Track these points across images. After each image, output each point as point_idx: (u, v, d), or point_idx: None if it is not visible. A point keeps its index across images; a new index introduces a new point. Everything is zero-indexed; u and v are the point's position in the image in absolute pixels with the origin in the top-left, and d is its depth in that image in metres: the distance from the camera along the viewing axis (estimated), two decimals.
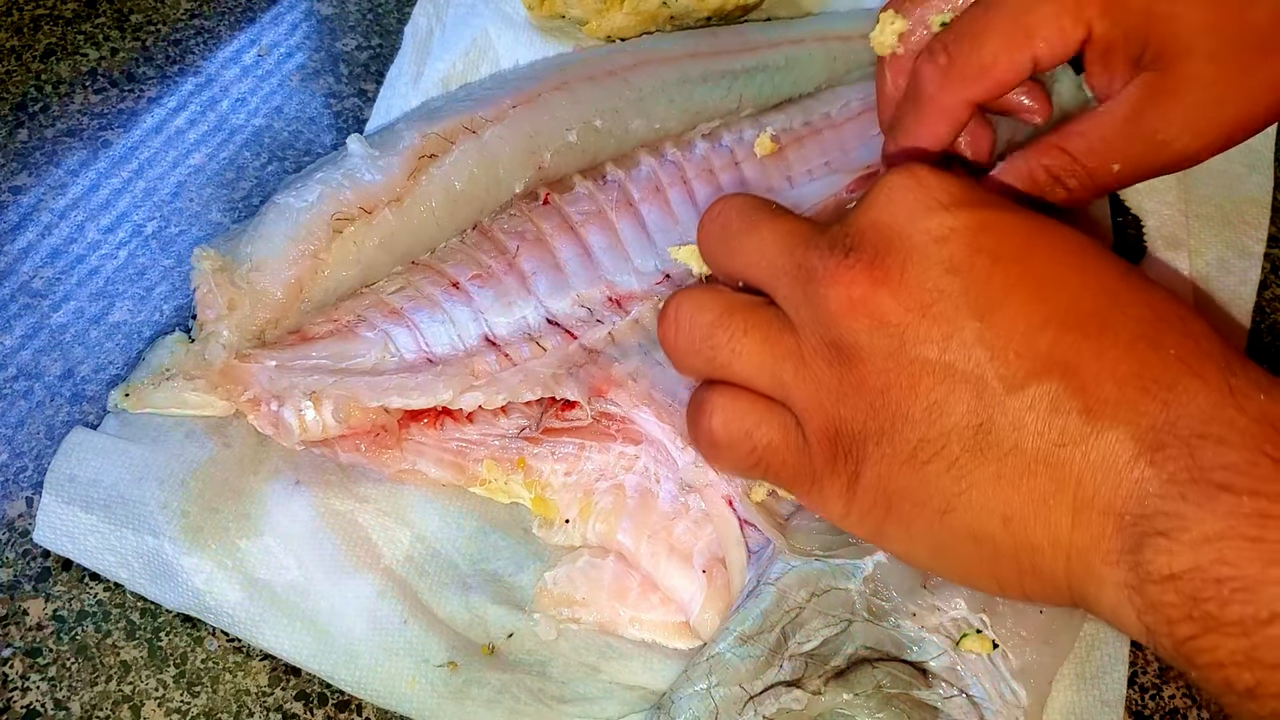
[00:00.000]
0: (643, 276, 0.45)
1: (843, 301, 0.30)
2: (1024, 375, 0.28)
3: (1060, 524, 0.28)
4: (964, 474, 0.29)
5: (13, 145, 0.51)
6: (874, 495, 0.31)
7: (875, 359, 0.30)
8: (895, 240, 0.30)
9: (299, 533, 0.39)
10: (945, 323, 0.29)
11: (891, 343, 0.29)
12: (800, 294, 0.31)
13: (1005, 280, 0.29)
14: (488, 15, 0.55)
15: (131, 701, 0.37)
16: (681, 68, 0.51)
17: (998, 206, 0.30)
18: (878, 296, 0.29)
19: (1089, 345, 0.28)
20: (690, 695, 0.35)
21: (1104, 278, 0.30)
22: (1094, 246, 0.31)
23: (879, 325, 0.29)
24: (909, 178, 0.31)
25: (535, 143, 0.47)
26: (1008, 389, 0.28)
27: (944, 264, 0.29)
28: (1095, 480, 0.28)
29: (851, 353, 0.30)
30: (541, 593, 0.40)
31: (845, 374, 0.30)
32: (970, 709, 0.36)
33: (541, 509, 0.41)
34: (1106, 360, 0.28)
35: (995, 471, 0.29)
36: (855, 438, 0.30)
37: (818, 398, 0.31)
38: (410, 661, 0.38)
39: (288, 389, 0.40)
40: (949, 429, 0.29)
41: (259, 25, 0.57)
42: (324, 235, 0.43)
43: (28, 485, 0.41)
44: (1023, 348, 0.28)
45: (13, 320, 0.45)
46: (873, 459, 0.30)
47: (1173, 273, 0.50)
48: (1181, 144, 0.37)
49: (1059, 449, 0.28)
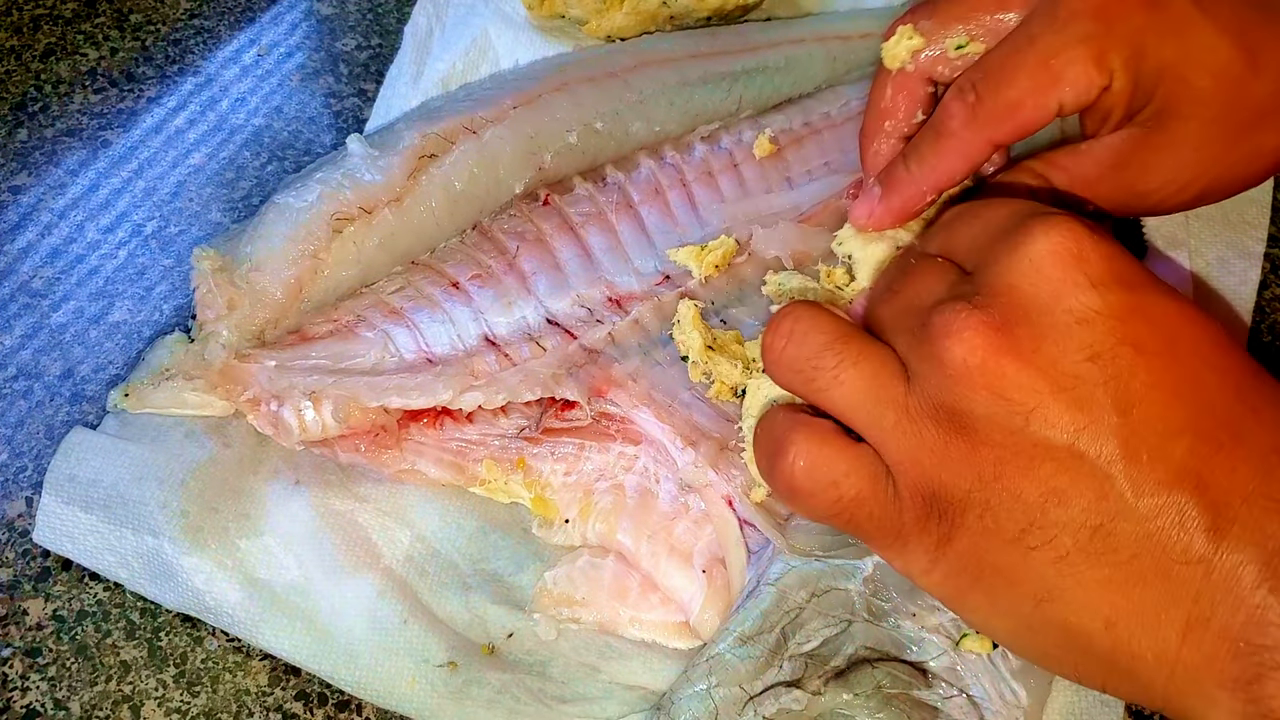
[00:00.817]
0: (642, 277, 0.45)
1: (963, 364, 0.28)
2: (1154, 483, 0.27)
3: (1169, 638, 0.27)
4: (1072, 569, 0.28)
5: (13, 145, 0.51)
6: (964, 563, 0.30)
7: (992, 432, 0.28)
8: (1033, 311, 0.28)
9: (299, 533, 0.39)
10: (1079, 411, 0.28)
11: (1013, 419, 0.28)
12: (920, 348, 0.30)
13: (1148, 376, 0.28)
14: (488, 15, 0.55)
15: (131, 701, 0.37)
16: (681, 69, 0.51)
17: (1149, 289, 0.29)
18: (1003, 367, 0.28)
19: (1222, 458, 0.27)
20: (690, 696, 0.35)
21: (1241, 380, 0.29)
22: (1231, 342, 0.30)
23: (999, 398, 0.28)
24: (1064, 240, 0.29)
25: (535, 144, 0.47)
26: (1136, 494, 0.27)
27: (1085, 349, 0.28)
28: (1214, 600, 0.27)
29: (965, 420, 0.29)
30: (541, 593, 0.40)
31: (953, 439, 0.29)
32: (970, 709, 0.36)
33: (541, 509, 0.41)
34: (1238, 475, 0.27)
35: (1107, 575, 0.28)
36: (954, 504, 0.29)
37: (917, 455, 0.29)
38: (410, 661, 0.38)
39: (287, 389, 0.40)
40: (1064, 521, 0.28)
41: (259, 25, 0.57)
42: (324, 235, 0.43)
43: (27, 485, 0.41)
44: (1156, 452, 0.27)
45: (13, 320, 0.45)
46: (971, 530, 0.29)
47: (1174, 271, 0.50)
48: (1158, 198, 0.37)
49: (1181, 565, 0.27)
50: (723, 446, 0.40)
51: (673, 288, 0.45)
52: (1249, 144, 0.37)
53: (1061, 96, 0.35)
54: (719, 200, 0.49)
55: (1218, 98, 0.35)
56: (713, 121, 0.52)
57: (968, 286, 0.30)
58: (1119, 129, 0.37)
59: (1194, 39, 0.35)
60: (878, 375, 0.31)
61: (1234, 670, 0.27)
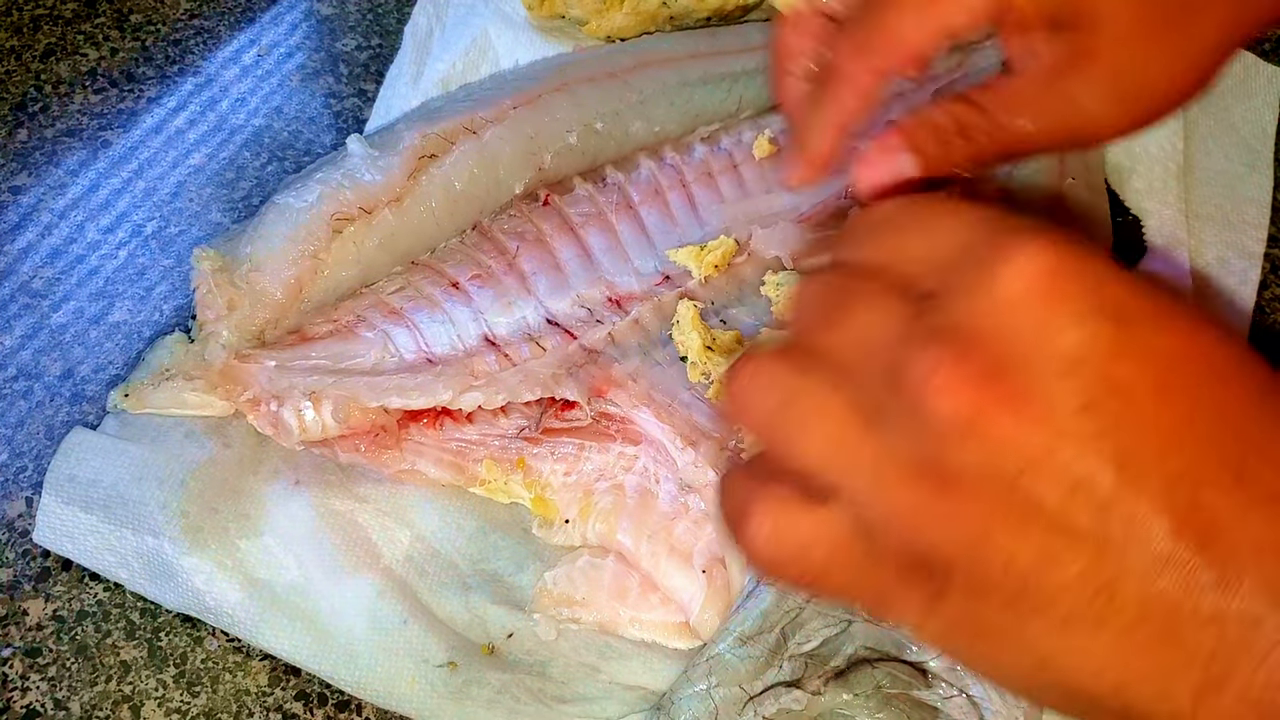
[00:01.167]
0: (642, 277, 0.45)
1: (950, 418, 0.26)
2: (1156, 541, 0.25)
3: (1181, 699, 0.26)
4: (1074, 634, 0.26)
5: (13, 145, 0.51)
6: (958, 622, 0.28)
7: (981, 490, 0.26)
8: (1019, 355, 0.26)
9: (299, 533, 0.39)
10: (1070, 468, 0.25)
11: (1004, 476, 0.26)
12: (894, 395, 0.27)
13: (1139, 422, 0.26)
14: (488, 15, 0.55)
15: (131, 701, 0.37)
16: (682, 70, 0.51)
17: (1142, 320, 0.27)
18: (995, 420, 0.25)
19: (1226, 505, 0.25)
20: (690, 696, 0.35)
21: (1240, 414, 0.27)
22: (1234, 365, 0.27)
23: (990, 453, 0.26)
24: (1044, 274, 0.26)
25: (535, 144, 0.47)
26: (1136, 554, 0.25)
27: (1075, 398, 0.26)
28: (1230, 661, 0.25)
29: (951, 475, 0.26)
30: (541, 593, 0.40)
31: (938, 496, 0.26)
32: (970, 709, 0.36)
33: (541, 509, 0.41)
34: (1246, 524, 0.25)
35: (1112, 640, 0.26)
36: (940, 563, 0.27)
37: (897, 514, 0.27)
38: (410, 661, 0.38)
39: (287, 389, 0.40)
40: (1063, 584, 0.26)
41: (259, 25, 0.57)
42: (324, 235, 0.43)
43: (27, 485, 0.41)
44: (1154, 507, 0.25)
45: (13, 320, 0.45)
46: (962, 590, 0.27)
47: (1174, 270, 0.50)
48: (1099, 110, 0.35)
49: (1193, 626, 0.25)
50: (723, 446, 0.40)
51: (673, 288, 0.45)
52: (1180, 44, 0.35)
53: (949, 21, 0.34)
54: (719, 201, 0.49)
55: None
56: (713, 122, 0.52)
57: (935, 319, 0.27)
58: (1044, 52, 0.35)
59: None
60: (845, 429, 0.28)
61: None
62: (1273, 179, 0.55)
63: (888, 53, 0.35)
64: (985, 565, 0.26)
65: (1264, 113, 0.57)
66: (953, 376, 0.26)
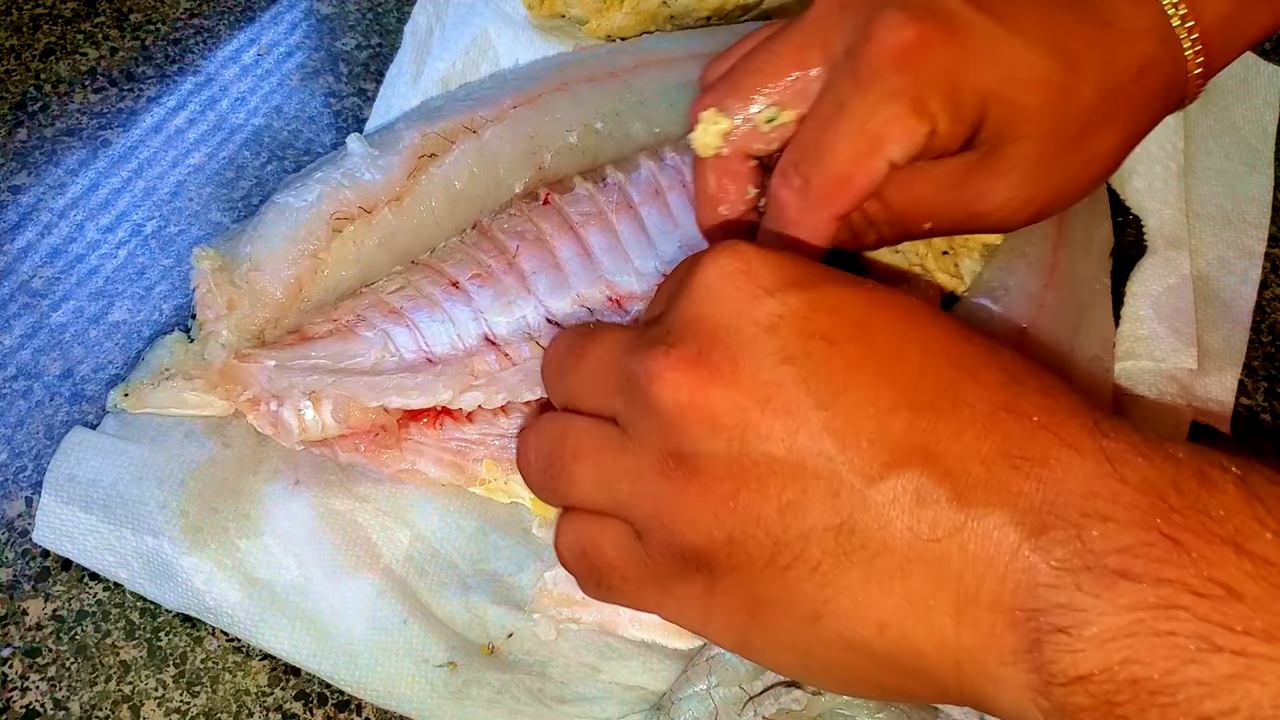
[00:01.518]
0: (643, 277, 0.45)
1: (672, 406, 0.27)
2: (881, 466, 0.26)
3: (944, 625, 0.26)
4: (829, 579, 0.27)
5: (12, 145, 0.51)
6: (734, 603, 0.29)
7: (716, 464, 0.27)
8: (721, 333, 0.28)
9: (298, 533, 0.39)
10: (787, 416, 0.27)
11: (731, 445, 0.27)
12: (634, 408, 0.29)
13: (845, 363, 0.27)
14: (488, 15, 0.55)
15: (131, 701, 0.37)
16: (682, 70, 0.51)
17: (827, 283, 0.29)
18: (709, 396, 0.27)
19: (945, 425, 0.26)
20: (690, 696, 0.35)
21: (948, 345, 0.28)
22: (931, 313, 0.29)
23: (714, 428, 0.27)
24: (730, 262, 0.29)
25: (535, 143, 0.47)
26: (866, 483, 0.26)
27: (777, 354, 0.27)
28: (977, 574, 0.25)
29: (690, 460, 0.28)
30: (541, 593, 0.40)
31: (686, 484, 0.28)
32: (970, 709, 0.36)
33: (541, 509, 0.41)
34: (968, 439, 0.26)
35: (863, 575, 0.26)
36: (704, 548, 0.28)
37: (657, 513, 0.29)
38: (410, 661, 0.38)
39: (287, 389, 0.40)
40: (806, 531, 0.27)
41: (258, 24, 0.57)
42: (323, 235, 0.43)
43: (27, 485, 0.41)
44: (875, 436, 0.26)
45: (12, 320, 0.45)
46: (726, 567, 0.28)
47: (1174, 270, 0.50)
48: (998, 216, 0.37)
49: (931, 543, 0.26)
50: None
51: None
52: (1083, 150, 0.37)
53: (889, 155, 0.34)
54: None
55: (1045, 112, 0.35)
56: None
57: (657, 329, 0.29)
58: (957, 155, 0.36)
59: (1008, 59, 0.34)
60: (601, 457, 0.30)
61: (1012, 642, 0.25)
62: (1273, 178, 0.55)
63: (839, 199, 0.35)
64: (738, 535, 0.28)
65: (1264, 113, 0.57)
66: (667, 366, 0.28)
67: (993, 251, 0.47)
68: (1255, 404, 0.48)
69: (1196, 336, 0.48)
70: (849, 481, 0.26)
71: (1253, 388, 0.49)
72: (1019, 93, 0.34)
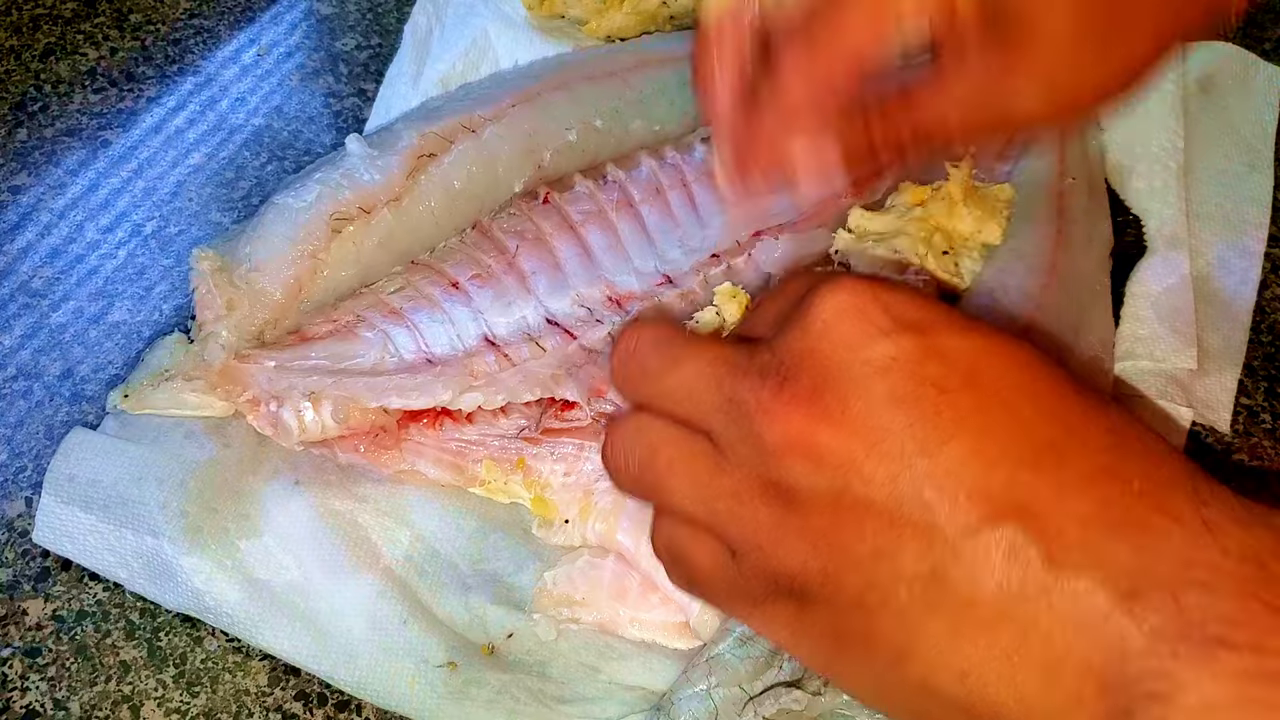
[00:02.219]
0: (643, 277, 0.45)
1: (780, 440, 0.28)
2: (977, 519, 0.26)
3: (1027, 683, 0.26)
4: (914, 625, 0.27)
5: (12, 145, 0.51)
6: (821, 631, 0.29)
7: (817, 501, 0.28)
8: (834, 372, 0.28)
9: (298, 533, 0.39)
10: (891, 462, 0.27)
11: (834, 483, 0.27)
12: (734, 431, 0.29)
13: (954, 413, 0.27)
14: (487, 15, 0.55)
15: (131, 701, 0.37)
16: (682, 69, 0.51)
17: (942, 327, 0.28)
18: (818, 435, 0.27)
19: (1046, 483, 0.26)
20: (690, 696, 0.35)
21: (1057, 401, 0.28)
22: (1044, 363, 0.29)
23: (819, 465, 0.27)
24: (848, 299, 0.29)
25: (535, 142, 0.47)
26: (960, 535, 0.26)
27: (887, 398, 0.27)
28: (1066, 636, 0.25)
29: (791, 494, 0.28)
30: (541, 593, 0.40)
31: (785, 515, 0.28)
32: None
33: (541, 509, 0.41)
34: (1067, 499, 0.26)
35: (949, 625, 0.26)
36: (796, 576, 0.29)
37: (755, 538, 0.29)
38: (410, 661, 0.38)
39: (287, 389, 0.40)
40: (896, 575, 0.27)
41: (258, 25, 0.57)
42: (323, 235, 0.43)
43: (27, 485, 0.41)
44: (974, 488, 0.26)
45: (12, 320, 0.45)
46: (818, 598, 0.29)
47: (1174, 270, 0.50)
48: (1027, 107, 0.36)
49: (1021, 601, 0.26)
50: None
51: (673, 288, 0.45)
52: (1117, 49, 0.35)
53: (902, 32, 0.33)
54: (720, 201, 0.49)
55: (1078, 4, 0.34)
56: None
57: (762, 358, 0.29)
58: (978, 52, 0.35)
59: None
60: (698, 474, 0.30)
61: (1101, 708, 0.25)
62: (1273, 179, 0.55)
63: (837, 56, 0.34)
64: (831, 570, 0.28)
65: (1264, 113, 0.57)
66: (776, 403, 0.28)
67: (993, 251, 0.47)
68: (1255, 404, 0.48)
69: (1196, 336, 0.48)
70: (944, 532, 0.26)
71: (1253, 388, 0.49)
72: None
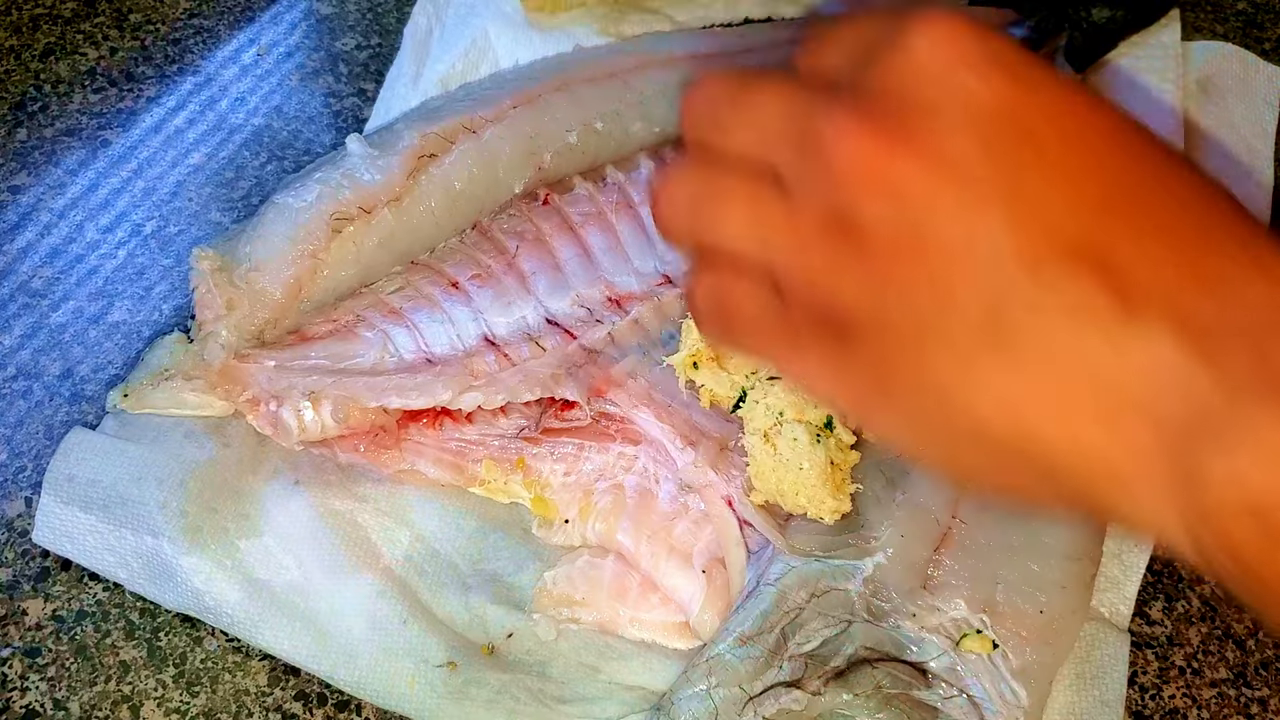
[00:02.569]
0: (642, 277, 0.45)
1: (851, 164, 0.26)
2: (1049, 256, 0.25)
3: (1083, 426, 0.25)
4: (970, 362, 0.26)
5: (12, 145, 0.51)
6: (865, 371, 0.28)
7: (881, 230, 0.26)
8: (920, 102, 0.26)
9: (298, 533, 0.39)
10: (967, 198, 0.26)
11: (903, 214, 0.26)
12: (802, 159, 0.28)
13: (1039, 158, 0.26)
14: (487, 15, 0.55)
15: (131, 701, 0.37)
16: (682, 70, 0.51)
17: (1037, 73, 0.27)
18: (895, 162, 0.26)
19: (1125, 228, 0.25)
20: (690, 696, 0.35)
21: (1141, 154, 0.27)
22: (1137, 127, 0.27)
23: (891, 195, 0.26)
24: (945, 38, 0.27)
25: (535, 143, 0.47)
26: (1028, 270, 0.25)
27: (974, 135, 0.26)
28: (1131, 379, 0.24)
29: (854, 222, 0.26)
30: (541, 593, 0.40)
31: (845, 244, 0.27)
32: (970, 709, 0.36)
33: (541, 509, 0.41)
34: (1146, 245, 0.25)
35: (1005, 362, 0.25)
36: (847, 311, 0.27)
37: (807, 268, 0.28)
38: (410, 661, 0.38)
39: (286, 389, 0.40)
40: (955, 309, 0.26)
41: (258, 25, 0.57)
42: (323, 235, 0.42)
43: (27, 485, 0.41)
44: (1050, 227, 0.25)
45: (12, 320, 0.45)
46: (867, 335, 0.27)
47: None
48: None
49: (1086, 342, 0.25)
50: (723, 446, 0.40)
51: (673, 288, 0.45)
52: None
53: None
54: None
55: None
56: None
57: (843, 91, 0.28)
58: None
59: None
60: (758, 201, 0.29)
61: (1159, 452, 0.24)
62: (1273, 179, 0.55)
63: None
64: (888, 307, 0.27)
65: (1264, 113, 0.57)
66: (855, 128, 0.26)
67: None
68: None
69: None
70: (1009, 266, 0.25)
71: None
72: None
